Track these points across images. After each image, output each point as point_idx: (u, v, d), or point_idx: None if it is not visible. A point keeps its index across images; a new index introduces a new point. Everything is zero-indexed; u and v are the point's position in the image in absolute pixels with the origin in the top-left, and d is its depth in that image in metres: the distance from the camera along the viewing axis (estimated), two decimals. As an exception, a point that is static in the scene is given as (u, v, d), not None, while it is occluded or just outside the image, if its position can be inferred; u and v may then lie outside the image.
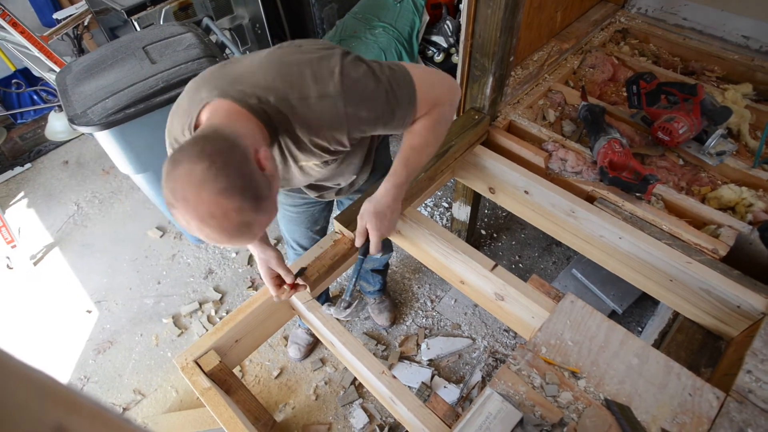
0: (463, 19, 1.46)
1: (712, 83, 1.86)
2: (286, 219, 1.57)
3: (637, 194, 1.40)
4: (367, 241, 1.18)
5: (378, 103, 0.93)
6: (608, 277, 2.08)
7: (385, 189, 1.12)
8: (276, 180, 0.85)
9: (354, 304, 1.23)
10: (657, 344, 1.39)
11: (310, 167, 1.07)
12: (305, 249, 1.63)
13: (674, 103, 1.56)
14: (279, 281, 1.19)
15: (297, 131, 0.91)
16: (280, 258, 1.18)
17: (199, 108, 0.88)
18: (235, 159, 0.75)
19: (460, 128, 1.57)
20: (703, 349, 1.27)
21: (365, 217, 1.14)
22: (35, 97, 3.16)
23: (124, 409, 2.00)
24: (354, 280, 1.20)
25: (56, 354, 2.20)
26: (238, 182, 0.74)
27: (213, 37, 2.33)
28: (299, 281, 1.22)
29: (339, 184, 1.32)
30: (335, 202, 1.58)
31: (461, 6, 1.44)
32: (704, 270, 1.23)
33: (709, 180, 1.52)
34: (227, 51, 2.34)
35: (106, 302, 2.37)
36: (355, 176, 1.29)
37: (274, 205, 0.83)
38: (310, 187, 1.31)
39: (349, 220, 1.30)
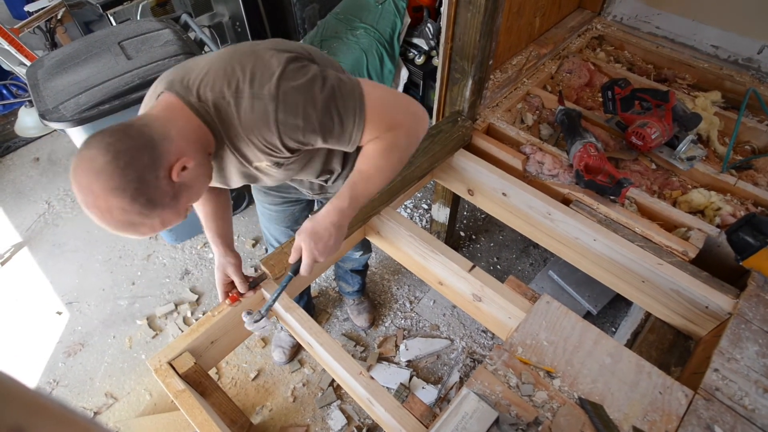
0: (443, 23, 1.47)
1: (684, 90, 1.91)
2: (266, 217, 1.56)
3: (612, 197, 1.43)
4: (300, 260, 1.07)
5: (315, 114, 0.87)
6: (584, 279, 2.12)
7: (326, 210, 1.02)
8: (190, 189, 0.85)
9: (264, 319, 1.11)
10: (629, 344, 1.42)
11: (265, 168, 1.02)
12: (279, 243, 1.63)
13: (647, 109, 1.60)
14: (231, 287, 1.20)
15: (237, 130, 0.88)
16: (238, 265, 1.18)
17: (155, 101, 0.89)
18: (140, 162, 0.76)
19: (440, 132, 1.58)
20: (673, 349, 1.31)
21: (302, 235, 1.03)
22: (4, 91, 3.05)
23: (96, 413, 1.95)
24: (275, 295, 1.11)
25: (24, 357, 2.12)
26: (131, 185, 0.75)
27: (192, 35, 2.30)
28: (248, 293, 1.20)
29: (313, 184, 1.27)
30: (315, 201, 1.57)
31: (442, 9, 1.45)
32: (674, 271, 1.27)
33: (680, 184, 1.56)
34: (206, 49, 2.31)
35: (77, 303, 2.30)
36: (325, 179, 1.23)
37: (175, 213, 0.84)
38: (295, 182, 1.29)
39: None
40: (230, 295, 1.19)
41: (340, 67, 1.08)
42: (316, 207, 1.55)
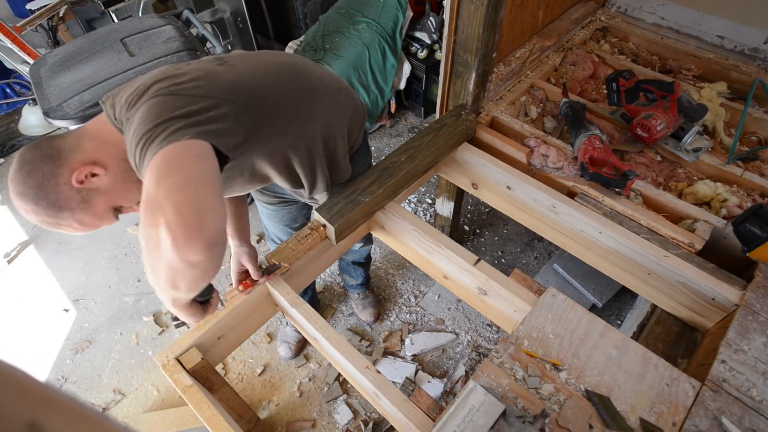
0: (446, 15, 1.46)
1: (689, 81, 1.90)
2: (265, 215, 1.57)
3: (617, 189, 1.43)
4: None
5: (132, 154, 0.81)
6: (589, 272, 2.11)
7: None
8: (105, 195, 0.91)
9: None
10: (635, 336, 1.42)
11: None
12: (281, 240, 1.64)
13: (652, 101, 1.59)
14: (245, 276, 1.23)
15: None
16: (254, 255, 1.23)
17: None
18: (40, 171, 0.85)
19: (444, 126, 1.57)
20: (679, 341, 1.31)
21: None
22: (8, 90, 3.06)
23: (104, 409, 1.96)
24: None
25: (32, 354, 2.14)
26: (31, 191, 0.85)
27: (193, 30, 2.29)
28: (261, 280, 1.23)
29: (296, 191, 1.25)
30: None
31: (444, 2, 1.45)
32: (681, 263, 1.26)
33: (685, 176, 1.55)
34: (208, 45, 2.30)
35: (84, 301, 2.32)
36: (295, 191, 1.23)
37: (93, 215, 0.91)
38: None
39: (330, 211, 1.29)
40: (244, 282, 1.21)
41: (300, 76, 1.07)
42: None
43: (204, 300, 1.00)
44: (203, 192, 0.72)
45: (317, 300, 2.19)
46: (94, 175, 0.89)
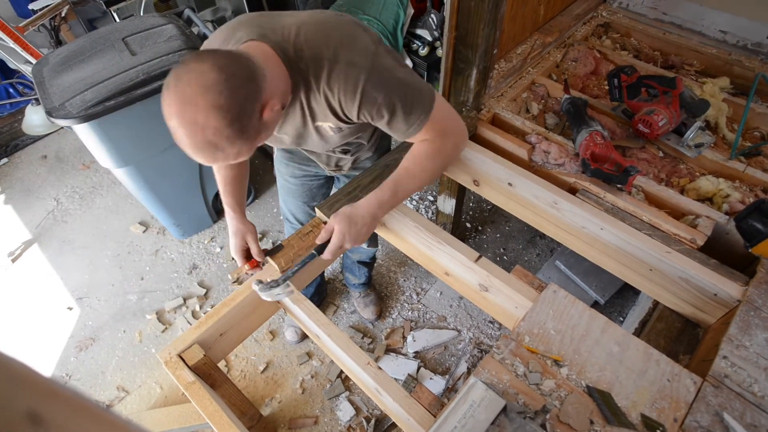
0: (447, 12, 1.46)
1: (691, 77, 1.89)
2: (285, 190, 1.59)
3: (618, 186, 1.42)
4: (328, 241, 1.11)
5: (395, 98, 0.95)
6: (591, 269, 2.11)
7: (367, 201, 1.08)
8: (267, 130, 0.89)
9: (280, 287, 1.14)
10: (637, 332, 1.41)
11: (325, 129, 1.07)
12: (301, 223, 1.66)
13: (654, 96, 1.58)
14: (247, 254, 1.25)
15: (319, 88, 0.95)
16: (254, 233, 1.24)
17: (237, 45, 0.93)
18: (246, 89, 0.79)
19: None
20: (681, 337, 1.30)
21: (338, 218, 1.08)
22: (11, 90, 3.07)
23: (108, 406, 1.98)
24: (296, 269, 1.14)
25: (37, 352, 2.16)
26: (234, 109, 0.77)
27: (195, 29, 2.30)
28: (266, 259, 1.24)
29: (345, 155, 1.34)
30: (334, 179, 1.59)
31: (445, -2, 1.44)
32: (683, 259, 1.26)
33: (687, 171, 1.55)
34: (209, 43, 2.30)
35: (87, 299, 2.33)
36: (359, 152, 1.34)
37: (250, 149, 0.88)
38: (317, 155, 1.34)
39: (331, 208, 1.29)
40: (250, 261, 1.22)
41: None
42: (335, 184, 1.58)
43: None
44: (455, 112, 1.08)
45: (325, 288, 2.20)
46: (273, 108, 0.86)
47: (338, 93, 0.94)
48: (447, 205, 2.20)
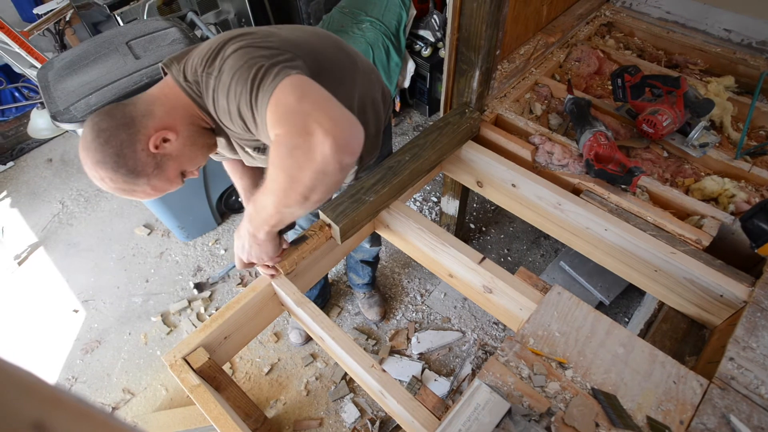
0: (449, 13, 1.46)
1: (695, 76, 1.88)
2: None
3: (623, 186, 1.42)
4: None
5: (236, 98, 0.83)
6: (595, 269, 2.10)
7: (244, 215, 1.00)
8: (176, 160, 0.94)
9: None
10: (642, 334, 1.41)
11: (254, 154, 1.05)
12: (302, 227, 1.66)
13: (658, 96, 1.57)
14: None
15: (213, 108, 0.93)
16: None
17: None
18: (118, 138, 0.87)
19: (448, 124, 1.57)
20: (687, 338, 1.30)
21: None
22: (17, 94, 3.10)
23: (114, 409, 1.99)
24: (225, 271, 1.16)
25: (43, 355, 2.17)
26: (110, 159, 0.87)
27: (198, 32, 2.31)
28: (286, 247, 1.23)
29: None
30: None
31: (448, 0, 1.44)
32: (688, 260, 1.25)
33: (692, 171, 1.54)
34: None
35: (93, 301, 2.34)
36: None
37: (165, 180, 0.94)
38: None
39: (335, 211, 1.29)
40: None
41: (342, 46, 1.11)
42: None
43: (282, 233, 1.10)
44: (341, 106, 0.77)
45: (329, 290, 2.19)
46: (166, 140, 0.91)
47: (210, 106, 0.91)
48: (450, 206, 2.20)
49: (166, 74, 0.97)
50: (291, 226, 1.10)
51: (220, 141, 1.06)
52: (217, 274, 1.19)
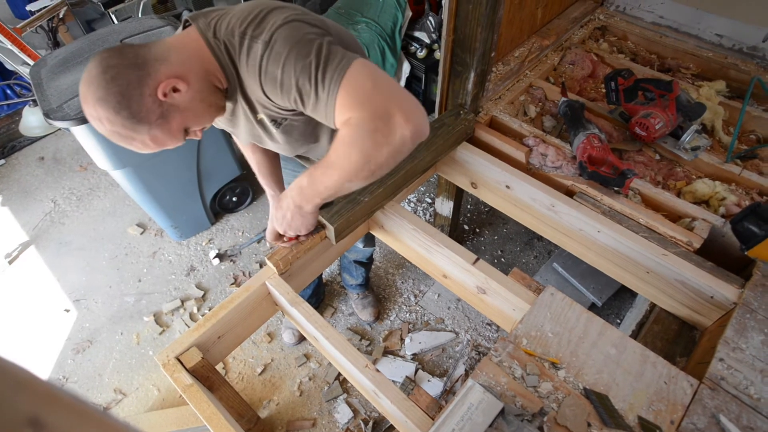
0: (445, 15, 1.46)
1: (688, 80, 1.90)
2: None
3: (615, 188, 1.43)
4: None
5: (295, 71, 0.83)
6: (588, 271, 2.12)
7: (290, 186, 1.01)
8: (182, 114, 0.90)
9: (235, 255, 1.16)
10: (634, 335, 1.42)
11: (267, 124, 1.02)
12: None
13: (651, 100, 1.59)
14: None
15: (243, 74, 0.91)
16: None
17: (180, 30, 0.95)
18: (125, 78, 0.81)
19: (443, 125, 1.58)
20: (678, 339, 1.31)
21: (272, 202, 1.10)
22: (8, 91, 3.07)
23: (105, 409, 1.97)
24: (250, 242, 1.16)
25: (33, 354, 2.15)
26: (113, 98, 0.81)
27: (193, 31, 2.30)
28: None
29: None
30: None
31: (443, 2, 1.45)
32: (679, 262, 1.27)
33: (684, 174, 1.56)
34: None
35: (85, 301, 2.32)
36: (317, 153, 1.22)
37: (167, 133, 0.90)
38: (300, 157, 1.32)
39: (329, 211, 1.30)
40: (290, 237, 1.22)
41: (358, 46, 1.09)
42: None
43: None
44: (409, 93, 0.85)
45: (323, 291, 2.19)
46: (176, 90, 0.87)
47: (252, 76, 0.89)
48: (445, 207, 2.21)
49: (185, 29, 0.94)
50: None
51: (227, 107, 1.03)
52: (243, 244, 1.18)
